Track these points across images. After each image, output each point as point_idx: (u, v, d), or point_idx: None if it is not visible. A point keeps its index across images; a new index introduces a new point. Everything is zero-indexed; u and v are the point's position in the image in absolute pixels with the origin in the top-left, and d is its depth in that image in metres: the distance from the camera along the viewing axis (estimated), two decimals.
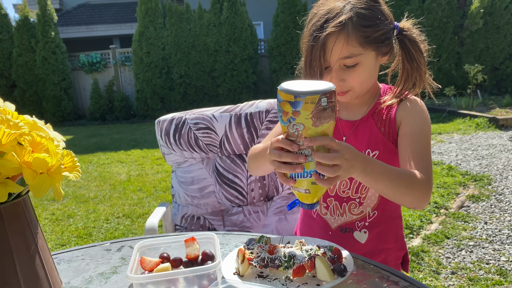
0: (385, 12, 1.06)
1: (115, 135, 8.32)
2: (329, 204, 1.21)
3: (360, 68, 1.03)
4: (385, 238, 1.21)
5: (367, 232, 1.19)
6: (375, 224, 1.19)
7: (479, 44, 9.66)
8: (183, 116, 1.73)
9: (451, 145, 5.54)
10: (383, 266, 0.89)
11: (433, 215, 3.28)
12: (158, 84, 10.04)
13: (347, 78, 1.04)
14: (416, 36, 1.09)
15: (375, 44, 1.02)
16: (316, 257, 0.82)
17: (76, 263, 1.00)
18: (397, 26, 1.07)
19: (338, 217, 1.20)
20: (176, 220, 1.77)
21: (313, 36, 1.02)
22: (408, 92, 1.12)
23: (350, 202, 1.18)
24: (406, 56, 1.08)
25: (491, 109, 7.34)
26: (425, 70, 1.10)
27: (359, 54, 1.01)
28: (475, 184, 3.94)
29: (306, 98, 0.75)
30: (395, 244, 1.24)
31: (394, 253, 1.24)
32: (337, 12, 1.00)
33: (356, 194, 1.17)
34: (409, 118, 1.10)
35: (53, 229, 3.54)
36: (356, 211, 1.18)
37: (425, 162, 1.02)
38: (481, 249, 2.69)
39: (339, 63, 1.02)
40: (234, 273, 0.87)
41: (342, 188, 1.18)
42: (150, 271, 0.87)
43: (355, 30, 0.99)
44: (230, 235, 1.12)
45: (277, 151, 0.82)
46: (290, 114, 0.78)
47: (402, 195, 0.95)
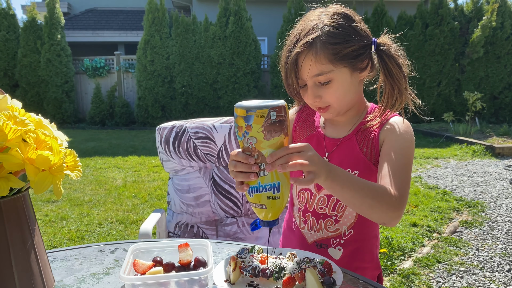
0: (360, 29, 1.07)
1: (114, 140, 8.33)
2: (307, 219, 1.23)
3: (334, 84, 1.05)
4: (360, 257, 1.21)
5: (342, 249, 1.20)
6: (350, 242, 1.20)
7: (479, 72, 9.77)
8: (183, 124, 1.75)
9: (447, 170, 5.57)
10: (372, 282, 0.90)
11: (426, 239, 3.28)
12: (160, 93, 10.10)
13: (322, 94, 1.06)
14: (393, 51, 1.08)
15: (347, 60, 1.04)
16: (307, 269, 0.83)
17: (70, 262, 1.01)
18: (375, 41, 1.08)
19: (315, 233, 1.22)
20: (170, 227, 1.78)
21: (286, 56, 1.07)
22: (391, 110, 1.12)
23: (326, 219, 1.19)
24: (385, 71, 1.09)
25: (488, 137, 7.40)
26: (405, 86, 1.09)
27: (330, 71, 1.03)
28: (469, 210, 3.95)
29: (256, 112, 0.80)
30: (370, 264, 1.24)
31: (369, 272, 1.25)
32: (307, 32, 1.04)
33: (333, 212, 1.18)
34: (391, 138, 1.10)
35: (46, 231, 3.53)
36: (332, 228, 1.19)
37: (401, 181, 1.01)
38: (471, 275, 2.70)
39: (312, 80, 1.05)
40: (225, 280, 0.89)
41: (319, 204, 1.20)
42: (142, 273, 0.88)
43: (323, 47, 1.01)
44: (223, 243, 1.14)
45: (234, 162, 0.85)
46: (244, 129, 0.82)
47: (370, 208, 0.95)
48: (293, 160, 0.83)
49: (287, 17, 9.74)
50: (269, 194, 0.84)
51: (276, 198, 0.85)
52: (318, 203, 1.19)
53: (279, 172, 0.84)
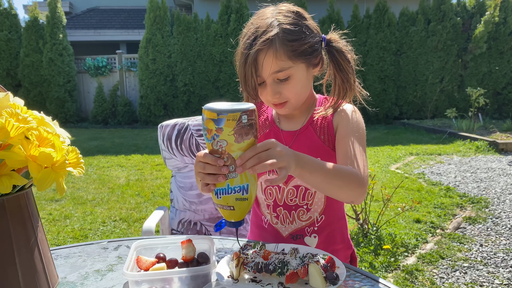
0: (311, 26, 1.11)
1: (117, 139, 8.35)
2: (279, 214, 1.24)
3: (293, 80, 1.08)
4: (333, 240, 1.25)
5: (317, 236, 1.23)
6: (323, 227, 1.23)
7: (482, 68, 9.73)
8: (186, 122, 1.75)
9: (450, 167, 5.56)
10: (374, 277, 0.90)
11: (429, 235, 3.28)
12: (162, 91, 10.10)
13: (282, 91, 1.09)
14: (342, 47, 1.14)
15: (304, 56, 1.08)
16: (310, 264, 0.84)
17: (73, 260, 1.01)
18: (325, 38, 1.14)
19: (289, 225, 1.24)
20: (173, 224, 1.78)
21: (244, 54, 1.08)
22: (341, 101, 1.18)
23: (298, 210, 1.22)
24: (335, 66, 1.14)
25: (492, 133, 7.37)
26: (354, 79, 1.16)
27: (289, 67, 1.06)
28: (472, 206, 3.94)
29: (228, 116, 0.80)
30: (342, 244, 1.28)
31: (343, 253, 1.29)
32: (264, 29, 1.06)
33: (304, 201, 1.21)
34: (343, 122, 1.15)
35: (49, 229, 3.55)
36: (305, 218, 1.22)
37: (358, 159, 1.07)
38: (475, 271, 2.69)
39: (272, 77, 1.07)
40: (228, 276, 0.89)
41: (289, 196, 1.22)
42: (145, 270, 0.88)
43: (282, 44, 1.04)
44: (226, 239, 1.14)
45: (202, 163, 0.85)
46: (213, 132, 0.81)
47: (339, 188, 0.99)
48: (262, 160, 0.83)
49: None
50: (237, 196, 0.85)
51: (244, 200, 0.86)
52: (288, 196, 1.22)
53: (249, 173, 0.85)
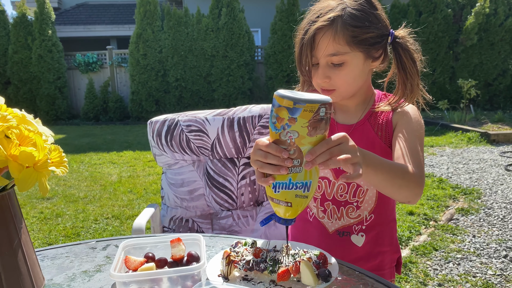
0: (381, 18, 1.07)
1: (108, 135, 8.28)
2: (327, 208, 1.21)
3: (347, 67, 1.05)
4: (381, 241, 1.22)
5: (364, 235, 1.20)
6: (372, 227, 1.20)
7: (473, 60, 9.76)
8: (175, 118, 1.73)
9: (443, 158, 5.58)
10: (367, 273, 0.89)
11: (422, 227, 3.29)
12: (153, 87, 10.03)
13: (332, 76, 1.06)
14: (409, 45, 1.10)
15: (364, 45, 1.04)
16: (301, 262, 0.82)
17: (60, 260, 0.99)
18: (392, 33, 1.09)
19: (336, 221, 1.21)
20: (164, 222, 1.76)
21: (304, 30, 1.05)
22: (402, 100, 1.14)
23: (348, 206, 1.19)
24: (398, 64, 1.10)
25: (483, 124, 7.41)
26: (417, 81, 1.11)
27: (345, 53, 1.03)
28: (465, 197, 3.96)
29: (305, 106, 0.73)
30: (390, 247, 1.25)
31: (389, 256, 1.26)
32: (330, 9, 1.03)
33: (354, 198, 1.18)
34: (404, 120, 1.12)
35: (41, 228, 3.51)
36: (354, 215, 1.19)
37: (417, 159, 1.04)
38: (468, 262, 2.70)
39: (326, 59, 1.04)
40: (219, 275, 0.87)
41: (339, 192, 1.18)
42: (134, 270, 0.86)
43: (343, 28, 1.01)
44: (217, 237, 1.12)
45: (263, 152, 0.77)
46: (285, 121, 0.74)
47: (399, 188, 0.96)
48: (334, 155, 0.75)
49: (280, 8, 9.66)
50: (298, 192, 0.78)
51: (304, 197, 0.79)
52: (338, 191, 1.18)
53: (320, 169, 0.79)
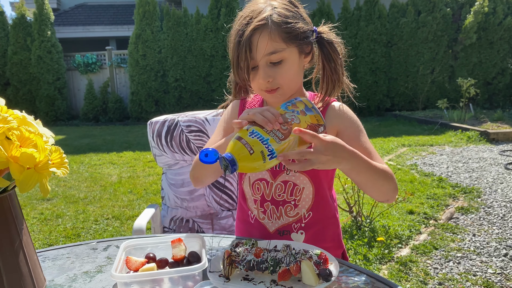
0: (304, 16, 1.13)
1: (108, 136, 8.28)
2: (266, 209, 1.24)
3: (286, 64, 1.08)
4: (322, 237, 1.25)
5: (304, 233, 1.22)
6: (311, 224, 1.23)
7: (472, 59, 9.77)
8: (175, 118, 1.73)
9: (442, 157, 5.58)
10: (369, 272, 0.89)
11: (422, 226, 3.29)
12: (153, 87, 10.03)
13: (274, 75, 1.08)
14: (333, 38, 1.14)
15: (297, 40, 1.07)
16: (302, 261, 0.82)
17: (61, 261, 0.99)
18: (316, 29, 1.13)
19: (276, 221, 1.23)
20: (165, 222, 1.76)
21: (238, 34, 1.07)
22: (329, 96, 1.17)
23: (286, 205, 1.21)
24: (325, 57, 1.14)
25: (483, 123, 7.41)
26: (342, 72, 1.16)
27: (282, 49, 1.05)
28: (465, 196, 3.96)
29: (317, 115, 0.93)
30: (332, 243, 1.28)
31: (332, 251, 1.25)
32: (260, 11, 1.07)
33: (291, 197, 1.21)
34: (341, 126, 1.15)
35: (41, 229, 3.51)
36: (292, 213, 1.22)
37: (380, 159, 1.09)
38: (468, 260, 2.70)
39: (265, 59, 1.06)
40: (220, 275, 0.87)
41: (278, 192, 1.21)
42: (135, 270, 0.86)
43: (277, 26, 1.05)
44: (217, 237, 1.12)
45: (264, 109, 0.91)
46: (298, 109, 0.92)
47: (381, 187, 1.02)
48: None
49: None
50: (265, 152, 0.84)
51: (264, 160, 0.84)
52: (276, 191, 1.21)
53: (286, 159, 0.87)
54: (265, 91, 1.12)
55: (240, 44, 1.06)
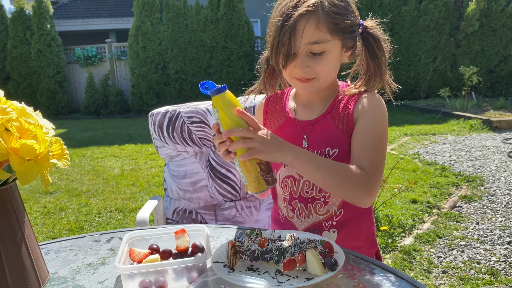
0: (353, 8, 1.07)
1: (109, 129, 8.28)
2: (295, 207, 1.19)
3: (327, 56, 1.03)
4: (355, 236, 1.19)
5: (336, 231, 1.17)
6: (343, 222, 1.17)
7: (475, 46, 9.70)
8: (177, 109, 1.72)
9: (445, 146, 5.56)
10: (374, 261, 0.88)
11: (426, 215, 3.28)
12: (153, 79, 10.00)
13: (313, 65, 1.03)
14: (379, 35, 1.09)
15: (343, 33, 1.02)
16: (307, 251, 0.81)
17: (64, 254, 0.98)
18: (362, 23, 1.08)
19: (305, 219, 1.18)
20: (168, 214, 1.76)
21: (283, 16, 1.00)
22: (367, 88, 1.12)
23: (315, 203, 1.16)
24: (369, 53, 1.09)
25: (485, 111, 7.37)
26: (385, 70, 1.10)
27: (327, 41, 1.01)
28: (468, 184, 3.95)
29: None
30: (366, 242, 1.23)
31: (365, 251, 1.22)
32: None
33: (320, 193, 1.15)
34: (364, 115, 1.09)
35: (45, 222, 3.52)
36: (322, 211, 1.16)
37: (372, 159, 1.02)
38: (472, 249, 2.70)
39: (306, 48, 1.01)
40: (224, 265, 0.87)
41: (305, 189, 1.16)
42: (138, 262, 0.85)
43: (326, 15, 0.99)
44: (221, 228, 1.11)
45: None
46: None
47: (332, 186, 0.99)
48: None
49: None
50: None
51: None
52: (304, 188, 1.16)
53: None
54: (298, 80, 1.07)
55: (283, 27, 0.99)
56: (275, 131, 1.20)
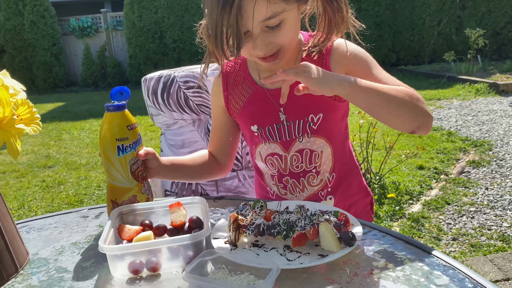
0: None
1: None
2: (286, 184, 1.11)
3: (286, 25, 0.88)
4: (349, 193, 1.14)
5: (332, 197, 1.11)
6: (337, 185, 1.11)
7: (481, 8, 9.39)
8: (171, 73, 1.59)
9: (451, 111, 5.43)
10: (395, 233, 0.78)
11: (433, 181, 3.19)
12: (151, 49, 9.77)
13: (273, 40, 0.88)
14: None
15: None
16: (320, 224, 0.71)
17: (48, 232, 0.88)
18: None
19: (300, 194, 1.11)
20: (166, 185, 1.66)
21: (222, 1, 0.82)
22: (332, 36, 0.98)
23: (307, 175, 1.08)
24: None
25: (492, 75, 7.19)
26: (347, 9, 0.95)
27: (282, 11, 0.85)
28: (476, 149, 3.85)
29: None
30: (360, 194, 1.18)
31: (362, 202, 1.19)
32: None
33: (311, 165, 1.07)
34: (348, 67, 1.00)
35: (43, 196, 3.45)
36: (316, 182, 1.09)
37: (396, 80, 0.95)
38: (482, 215, 2.62)
39: (260, 26, 0.86)
40: (226, 242, 0.77)
41: (294, 164, 1.08)
42: (129, 240, 0.75)
43: None
44: (222, 200, 1.01)
45: None
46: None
47: (395, 110, 0.88)
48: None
49: None
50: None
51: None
52: (292, 163, 1.08)
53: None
54: (261, 59, 0.93)
55: (225, 10, 0.81)
56: (244, 107, 1.08)
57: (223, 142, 1.18)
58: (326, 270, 0.68)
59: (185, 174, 1.10)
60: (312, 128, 1.03)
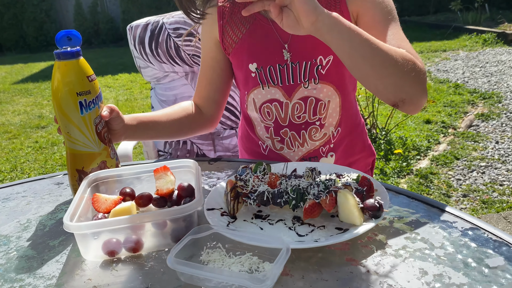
0: None
1: (102, 59, 7.87)
2: (284, 137, 0.97)
3: None
4: (351, 151, 1.02)
5: (334, 154, 0.99)
6: (340, 141, 0.99)
7: None
8: (159, 20, 1.42)
9: (457, 63, 5.22)
10: (427, 199, 0.65)
11: (441, 135, 3.06)
12: (144, 3, 9.36)
13: None
14: None
15: None
16: (339, 191, 0.57)
17: (14, 203, 0.75)
18: None
19: (298, 149, 0.97)
20: (159, 145, 1.53)
21: None
22: None
23: (309, 128, 0.95)
24: None
25: (500, 24, 6.91)
26: None
27: None
28: (484, 102, 3.69)
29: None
30: (363, 153, 1.06)
31: (363, 161, 1.07)
32: None
33: (315, 116, 0.93)
34: (366, 6, 0.84)
35: (36, 158, 3.33)
36: (319, 136, 0.96)
37: (408, 45, 0.79)
38: (493, 170, 2.51)
39: None
40: (223, 213, 0.64)
41: (296, 113, 0.93)
42: (106, 212, 0.62)
43: None
44: (218, 162, 0.88)
45: None
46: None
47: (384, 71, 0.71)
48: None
49: None
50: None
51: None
52: (294, 112, 0.93)
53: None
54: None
55: None
56: (242, 39, 0.91)
57: (213, 86, 1.01)
58: (346, 248, 0.55)
59: (157, 132, 0.94)
60: (320, 72, 0.88)
